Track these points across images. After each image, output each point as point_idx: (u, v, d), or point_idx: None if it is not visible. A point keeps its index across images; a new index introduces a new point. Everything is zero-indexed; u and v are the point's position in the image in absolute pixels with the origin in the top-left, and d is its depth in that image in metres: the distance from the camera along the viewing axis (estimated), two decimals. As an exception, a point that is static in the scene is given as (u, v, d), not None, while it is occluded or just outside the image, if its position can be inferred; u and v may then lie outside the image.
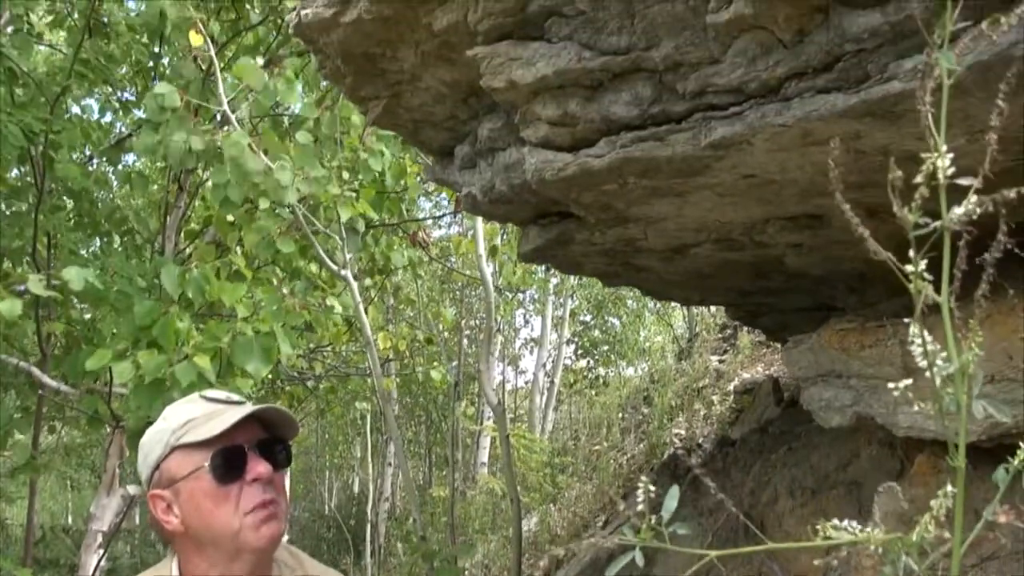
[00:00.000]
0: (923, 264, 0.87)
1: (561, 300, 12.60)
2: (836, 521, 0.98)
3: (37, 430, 5.48)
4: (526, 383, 13.51)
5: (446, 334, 10.46)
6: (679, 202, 2.33)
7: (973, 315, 0.90)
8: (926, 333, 0.90)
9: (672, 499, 0.93)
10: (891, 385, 0.91)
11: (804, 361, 2.58)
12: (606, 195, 2.25)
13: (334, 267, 3.74)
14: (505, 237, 8.12)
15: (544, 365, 12.31)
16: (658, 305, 12.16)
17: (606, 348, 13.36)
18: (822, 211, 2.42)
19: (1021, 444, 0.95)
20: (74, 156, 5.43)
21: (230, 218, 5.32)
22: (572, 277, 11.92)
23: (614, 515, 4.43)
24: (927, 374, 0.89)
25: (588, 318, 13.80)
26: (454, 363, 7.34)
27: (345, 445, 14.29)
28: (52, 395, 5.49)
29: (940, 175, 0.88)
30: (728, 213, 2.46)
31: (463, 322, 11.14)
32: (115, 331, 3.34)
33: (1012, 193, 0.79)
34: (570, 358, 13.43)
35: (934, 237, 0.84)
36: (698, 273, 3.28)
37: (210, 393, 1.61)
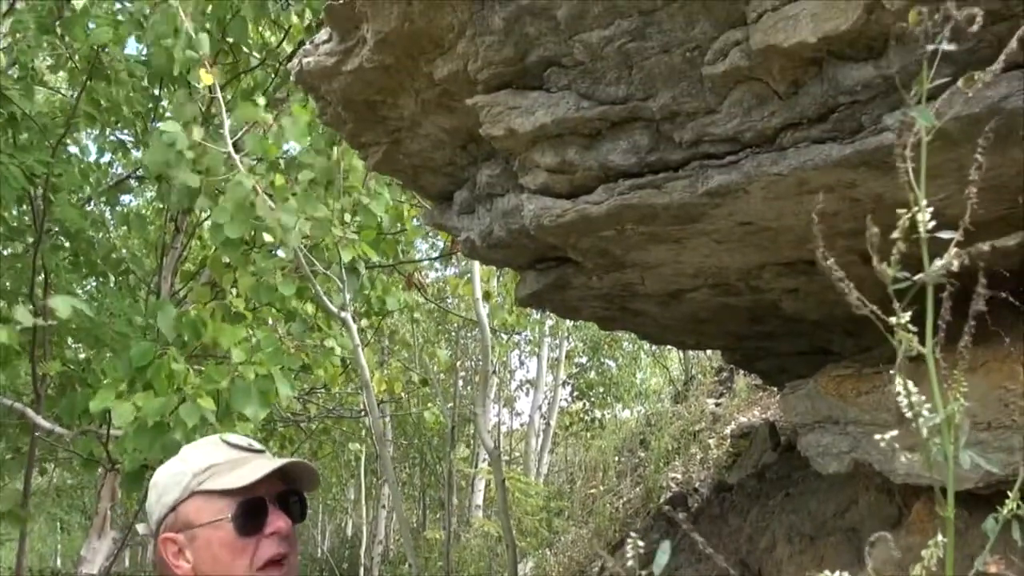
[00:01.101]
0: (908, 315, 0.89)
1: (557, 341, 12.58)
2: (828, 573, 0.98)
3: (29, 472, 5.43)
4: (522, 425, 13.45)
5: (441, 375, 10.44)
6: (676, 248, 2.35)
7: (960, 364, 0.91)
8: (911, 384, 0.91)
9: (663, 554, 0.93)
10: (877, 437, 0.91)
11: (801, 407, 2.58)
12: (604, 241, 2.27)
13: (333, 309, 3.74)
14: (500, 279, 8.15)
15: (540, 407, 12.27)
16: (654, 347, 12.15)
17: (602, 390, 13.31)
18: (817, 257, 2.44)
19: (1010, 494, 0.95)
20: (72, 197, 5.45)
21: (225, 260, 5.33)
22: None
23: (610, 562, 4.37)
24: (913, 426, 0.90)
25: (584, 360, 13.78)
26: (449, 405, 7.31)
27: (339, 487, 14.15)
28: (45, 436, 5.46)
29: (921, 228, 0.89)
30: (724, 259, 2.48)
31: (459, 363, 11.13)
32: (111, 372, 3.33)
33: (986, 246, 0.80)
34: (566, 400, 13.39)
35: (916, 289, 0.86)
36: (694, 317, 3.29)
37: (232, 438, 1.58)
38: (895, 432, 0.92)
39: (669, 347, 11.70)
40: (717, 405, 7.46)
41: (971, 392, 0.92)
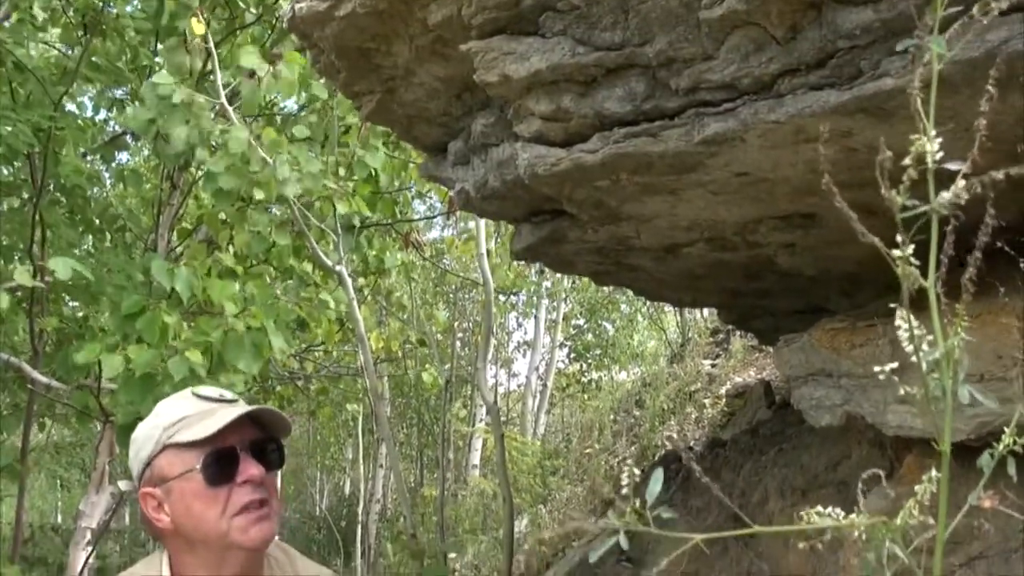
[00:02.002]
0: (911, 249, 0.88)
1: (554, 304, 12.59)
2: (820, 508, 0.98)
3: (28, 427, 5.45)
4: (518, 386, 13.50)
5: (439, 336, 10.45)
6: (672, 200, 2.34)
7: (960, 302, 0.90)
8: (913, 319, 0.90)
9: (656, 483, 0.92)
10: (877, 368, 0.90)
11: (795, 360, 2.59)
12: (599, 192, 2.25)
13: (328, 263, 3.73)
14: (499, 240, 8.13)
15: (537, 368, 12.30)
16: (651, 310, 12.16)
17: (599, 352, 13.35)
18: (814, 210, 2.43)
19: (1005, 429, 0.95)
20: (72, 152, 5.41)
21: (222, 216, 5.32)
22: (565, 280, 11.93)
23: (604, 516, 4.41)
24: (913, 359, 0.89)
25: (581, 322, 13.80)
26: (447, 366, 7.32)
27: (336, 447, 14.25)
28: (43, 392, 5.48)
29: (928, 160, 0.88)
30: (720, 212, 2.47)
31: (456, 324, 11.15)
32: (104, 327, 3.33)
33: (1000, 175, 0.79)
34: (563, 362, 13.43)
35: (921, 221, 0.84)
36: (690, 273, 3.28)
37: (203, 390, 1.58)
38: (894, 364, 0.91)
39: (666, 310, 11.73)
40: (713, 366, 7.48)
41: (966, 344, 0.91)
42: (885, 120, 1.76)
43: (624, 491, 0.97)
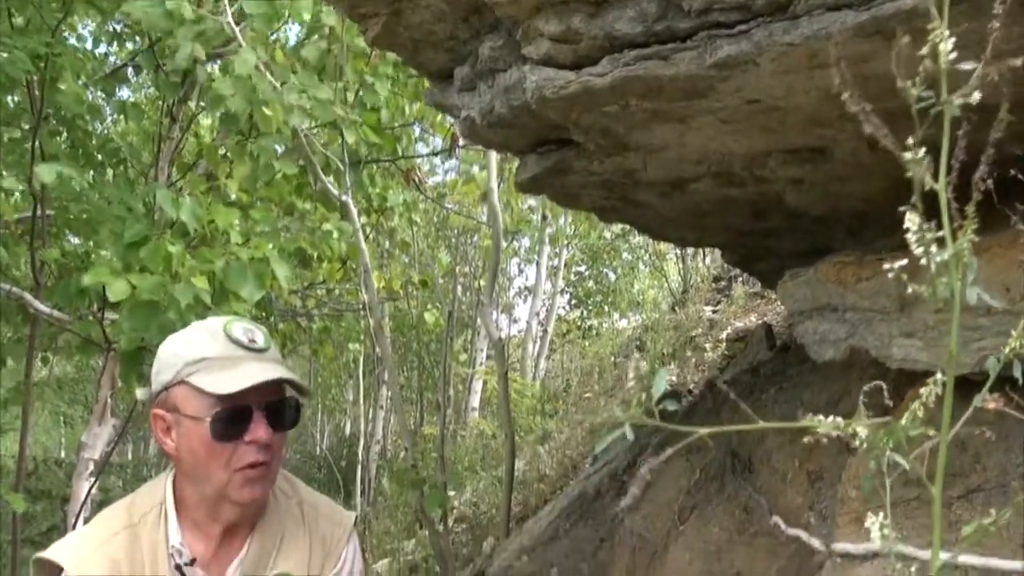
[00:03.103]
0: (922, 151, 0.85)
1: (556, 250, 12.57)
2: (820, 417, 0.98)
3: (30, 358, 5.47)
4: (519, 332, 13.55)
5: (441, 279, 10.46)
6: (681, 129, 2.30)
7: (970, 209, 0.87)
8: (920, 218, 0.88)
9: (661, 380, 0.91)
10: (886, 265, 0.89)
11: (800, 294, 2.57)
12: (607, 118, 2.22)
13: (334, 191, 3.70)
14: (502, 184, 8.07)
15: (537, 314, 12.33)
16: (653, 257, 12.15)
17: (600, 299, 13.37)
18: (825, 143, 2.39)
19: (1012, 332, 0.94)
20: (72, 80, 5.33)
21: (222, 151, 5.28)
22: (568, 227, 11.90)
23: (603, 453, 4.45)
24: (922, 262, 0.87)
25: (583, 268, 13.80)
26: (448, 298, 7.32)
27: (337, 388, 14.36)
28: (45, 326, 5.49)
29: (942, 59, 0.85)
30: (729, 143, 2.43)
31: (457, 269, 11.15)
32: (109, 249, 3.31)
33: (1018, 61, 0.76)
34: (564, 308, 13.45)
35: (935, 112, 0.82)
36: (696, 211, 3.25)
37: (235, 330, 1.56)
38: (904, 261, 0.89)
39: (668, 257, 11.71)
40: (714, 312, 7.50)
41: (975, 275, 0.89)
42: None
43: (631, 385, 0.97)
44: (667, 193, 3.02)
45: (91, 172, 6.50)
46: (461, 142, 5.80)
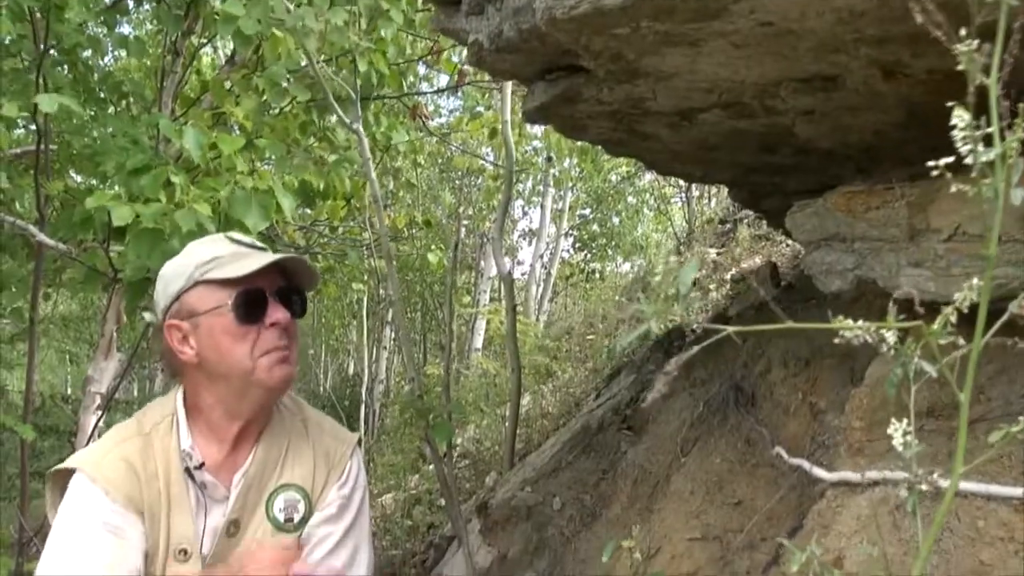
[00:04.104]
0: (975, 43, 0.84)
1: (561, 193, 12.52)
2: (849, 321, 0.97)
3: (36, 291, 5.48)
4: (523, 275, 13.57)
5: (444, 220, 10.44)
6: (692, 54, 2.27)
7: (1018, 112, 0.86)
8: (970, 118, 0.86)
9: (688, 273, 0.91)
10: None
11: (808, 225, 2.56)
12: (617, 41, 2.18)
13: (345, 119, 3.65)
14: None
15: (541, 257, 12.33)
16: (658, 201, 12.09)
17: (604, 243, 13.35)
18: (837, 71, 2.36)
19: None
20: (73, 11, 5.25)
21: (228, 85, 5.21)
22: (572, 169, 11.82)
23: (606, 388, 4.49)
24: (968, 160, 0.86)
25: (587, 211, 13.75)
26: (457, 221, 7.30)
27: (341, 329, 14.44)
28: (50, 261, 5.49)
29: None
30: (741, 70, 2.40)
31: (461, 210, 11.12)
32: (111, 176, 3.29)
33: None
34: (567, 251, 13.45)
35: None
36: (704, 144, 3.23)
37: (236, 235, 1.64)
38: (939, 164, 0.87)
39: (673, 201, 11.65)
40: (719, 255, 7.48)
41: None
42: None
43: (658, 279, 0.96)
44: (676, 124, 2.98)
45: (93, 107, 6.46)
46: (468, 79, 5.73)
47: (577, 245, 13.67)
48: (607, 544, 1.50)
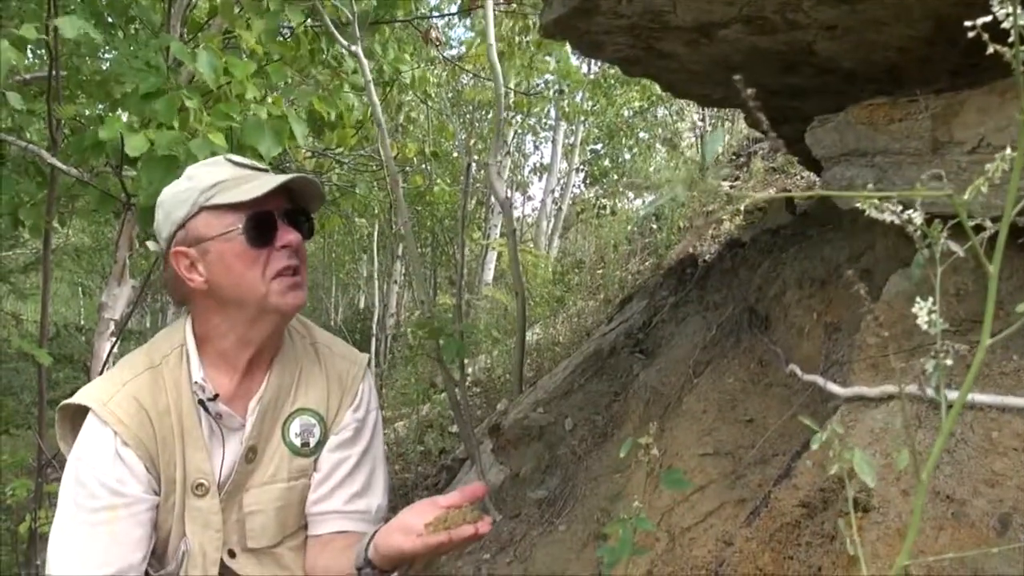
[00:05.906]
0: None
1: (572, 127, 12.39)
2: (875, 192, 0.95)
3: (49, 216, 5.49)
4: (534, 210, 13.52)
5: (455, 154, 10.36)
6: (715, -40, 2.22)
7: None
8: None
9: (715, 141, 0.90)
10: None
11: (828, 140, 2.53)
12: (639, -54, 2.13)
13: (344, 42, 3.60)
14: (520, 46, 7.86)
15: (552, 191, 12.26)
16: (671, 135, 11.95)
17: (615, 178, 13.25)
18: (863, -22, 2.31)
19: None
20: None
21: (237, 8, 5.13)
22: (584, 102, 11.67)
23: (618, 314, 4.50)
24: (1005, 24, 0.83)
25: (599, 147, 13.62)
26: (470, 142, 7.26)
27: (351, 264, 14.48)
28: (64, 189, 5.48)
29: None
30: (764, -21, 2.35)
31: (471, 144, 11.03)
32: (123, 104, 3.26)
33: None
34: (578, 186, 13.36)
35: None
36: (724, 63, 3.17)
37: (236, 158, 1.60)
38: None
39: (685, 136, 11.53)
40: (732, 187, 7.42)
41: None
42: None
43: (683, 149, 0.95)
44: (694, 41, 2.93)
45: (101, 31, 6.38)
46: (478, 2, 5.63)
47: (588, 180, 13.57)
48: (623, 443, 1.51)
